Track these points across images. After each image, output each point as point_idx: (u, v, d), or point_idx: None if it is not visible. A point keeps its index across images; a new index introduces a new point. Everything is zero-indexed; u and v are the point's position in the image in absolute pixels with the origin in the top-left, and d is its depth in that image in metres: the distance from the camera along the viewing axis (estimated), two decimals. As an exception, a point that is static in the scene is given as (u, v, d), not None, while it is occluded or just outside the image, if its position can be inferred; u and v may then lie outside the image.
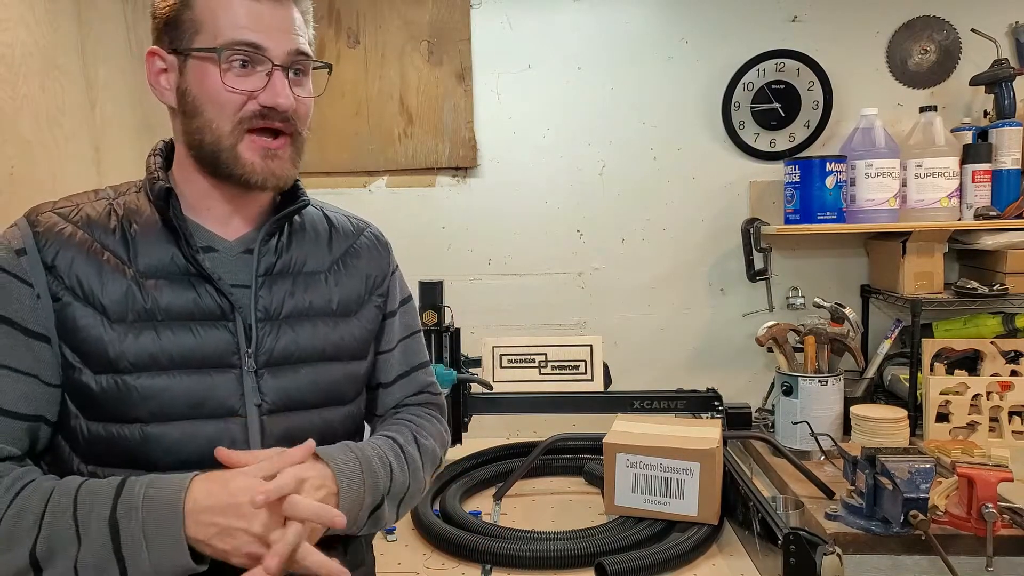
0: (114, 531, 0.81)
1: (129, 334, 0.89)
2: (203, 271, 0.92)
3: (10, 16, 1.55)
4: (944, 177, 1.95)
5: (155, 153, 0.99)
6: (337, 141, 2.22)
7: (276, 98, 0.91)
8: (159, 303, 0.91)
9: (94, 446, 0.90)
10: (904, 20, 2.15)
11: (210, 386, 0.91)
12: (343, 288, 1.04)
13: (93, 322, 0.88)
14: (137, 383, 0.88)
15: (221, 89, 0.90)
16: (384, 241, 1.15)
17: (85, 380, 0.88)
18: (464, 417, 1.89)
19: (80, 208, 0.94)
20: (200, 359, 0.91)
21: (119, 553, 0.81)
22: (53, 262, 0.89)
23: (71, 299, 0.88)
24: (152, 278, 0.91)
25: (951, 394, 1.87)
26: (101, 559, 0.81)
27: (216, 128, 0.91)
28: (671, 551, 1.36)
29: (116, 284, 0.90)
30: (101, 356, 0.88)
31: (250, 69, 0.91)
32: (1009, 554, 1.36)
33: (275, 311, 0.97)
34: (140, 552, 0.81)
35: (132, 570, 0.81)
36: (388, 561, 1.44)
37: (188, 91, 0.92)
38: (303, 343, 0.98)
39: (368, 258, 1.09)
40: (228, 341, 0.93)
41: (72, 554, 0.81)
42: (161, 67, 0.94)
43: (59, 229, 0.91)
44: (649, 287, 2.27)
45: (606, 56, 2.22)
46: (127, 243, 0.92)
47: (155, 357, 0.89)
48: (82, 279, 0.89)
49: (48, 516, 0.82)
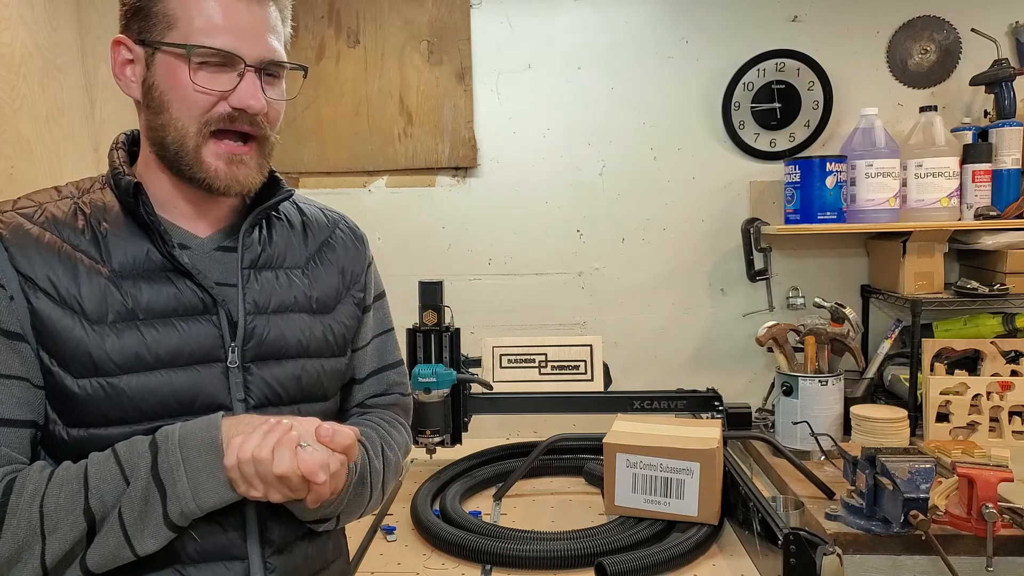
0: (154, 453, 0.83)
1: (111, 334, 0.86)
2: (181, 267, 0.90)
3: (10, 16, 1.55)
4: (944, 177, 1.95)
5: (117, 147, 0.95)
6: (337, 141, 2.22)
7: (247, 100, 0.88)
8: (139, 301, 0.88)
9: (75, 452, 0.86)
10: (904, 20, 2.15)
11: (198, 382, 0.90)
12: (321, 283, 1.03)
13: (71, 324, 0.85)
14: (125, 384, 0.86)
15: (190, 88, 0.87)
16: (360, 234, 1.13)
17: (66, 385, 0.85)
18: (464, 417, 1.89)
19: (44, 208, 0.90)
20: (187, 355, 0.90)
21: (158, 478, 0.82)
22: (23, 265, 0.85)
23: (46, 302, 0.85)
24: (128, 276, 0.89)
25: (951, 394, 1.87)
26: (145, 490, 0.82)
27: (181, 127, 0.88)
28: (671, 551, 1.36)
29: (93, 284, 0.87)
30: (83, 359, 0.85)
31: (222, 69, 0.88)
32: (1009, 554, 1.36)
33: (263, 305, 0.96)
34: (178, 466, 0.83)
35: (171, 498, 0.82)
36: (388, 561, 1.44)
37: (155, 86, 0.89)
38: (290, 337, 0.97)
39: (344, 252, 1.08)
40: (214, 336, 0.92)
41: (120, 498, 0.82)
42: (127, 57, 0.91)
43: (25, 230, 0.87)
44: (649, 287, 2.27)
45: (606, 56, 2.22)
46: (98, 242, 0.89)
47: (141, 356, 0.87)
48: (56, 282, 0.86)
49: (92, 473, 0.83)
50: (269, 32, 0.90)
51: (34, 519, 0.81)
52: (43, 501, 0.82)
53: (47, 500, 0.82)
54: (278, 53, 0.91)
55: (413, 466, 1.97)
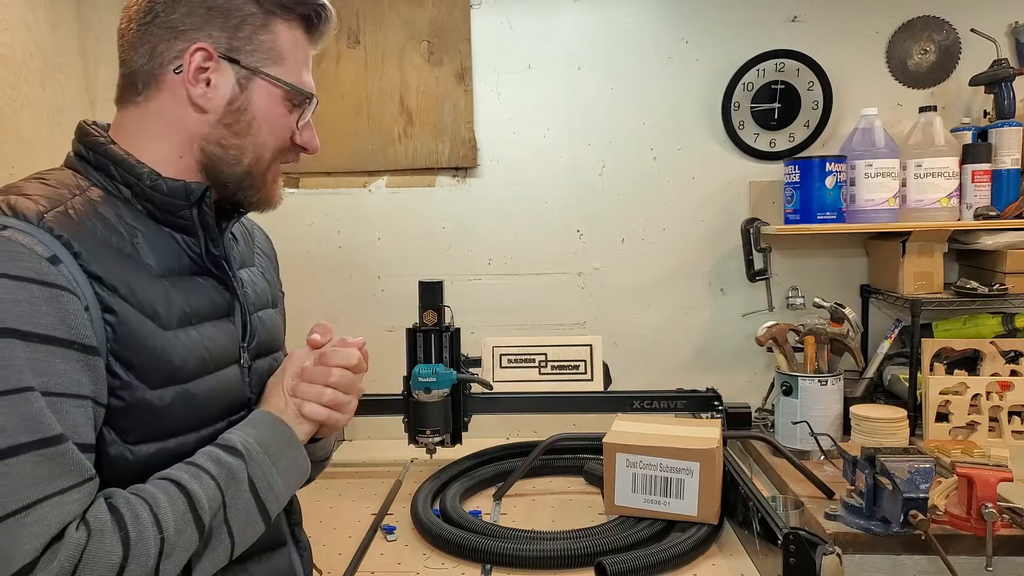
0: (245, 463, 0.86)
1: (182, 339, 0.84)
2: (225, 271, 0.93)
3: (10, 17, 1.55)
4: (944, 177, 1.95)
5: (108, 141, 0.88)
6: (337, 141, 2.22)
7: (313, 142, 0.97)
8: (190, 303, 0.87)
9: (135, 472, 0.80)
10: (904, 20, 2.15)
11: (230, 383, 0.92)
12: (269, 279, 1.09)
13: (151, 330, 0.81)
14: (197, 390, 0.85)
15: (283, 121, 0.93)
16: (267, 235, 1.20)
17: (146, 398, 0.80)
18: (464, 417, 1.89)
19: (72, 207, 0.81)
20: (227, 357, 0.92)
21: (254, 487, 0.86)
22: (97, 270, 0.78)
23: (127, 309, 0.79)
24: (169, 278, 0.86)
25: (951, 394, 1.87)
26: (245, 501, 0.85)
27: (260, 153, 0.92)
28: (671, 551, 1.37)
29: (154, 286, 0.83)
30: (164, 367, 0.81)
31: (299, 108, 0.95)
32: (1009, 554, 1.37)
33: (252, 303, 1.00)
34: (270, 471, 0.87)
35: (269, 500, 0.87)
36: (388, 561, 1.44)
37: (246, 109, 0.90)
38: (272, 332, 1.03)
39: (268, 249, 1.15)
40: (236, 335, 0.95)
41: (222, 514, 0.83)
42: (203, 66, 0.87)
43: (87, 229, 0.79)
44: (649, 287, 2.27)
45: (606, 56, 2.22)
46: (132, 243, 0.83)
47: (204, 360, 0.86)
48: (133, 285, 0.80)
49: (193, 489, 0.80)
50: None
51: (156, 543, 0.76)
52: (161, 525, 0.76)
53: (162, 523, 0.76)
54: None
55: (413, 466, 1.97)
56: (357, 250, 2.28)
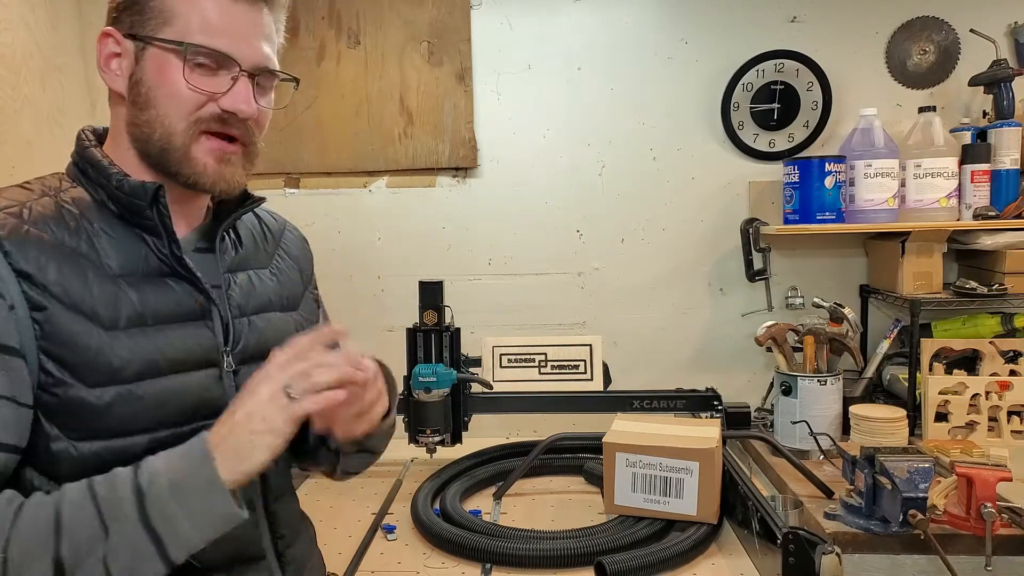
0: (140, 500, 0.75)
1: (126, 340, 0.83)
2: (191, 272, 0.90)
3: (11, 17, 1.55)
4: (943, 177, 1.96)
5: (91, 144, 0.91)
6: (337, 141, 2.22)
7: (239, 104, 0.88)
8: (147, 304, 0.86)
9: (88, 468, 0.80)
10: (903, 20, 2.15)
11: (203, 388, 0.90)
12: (285, 282, 1.07)
13: (86, 330, 0.81)
14: (143, 391, 0.84)
15: (183, 86, 0.86)
16: (303, 235, 1.19)
17: (81, 395, 0.80)
18: (464, 417, 1.89)
19: (28, 207, 0.83)
20: (193, 361, 0.90)
21: (150, 527, 0.74)
22: (26, 268, 0.79)
23: (57, 307, 0.80)
24: (129, 279, 0.86)
25: (950, 394, 1.87)
26: (134, 540, 0.74)
27: (168, 124, 0.87)
28: (670, 550, 1.37)
29: (103, 287, 0.83)
30: (101, 367, 0.81)
31: (215, 71, 0.88)
32: (1008, 554, 1.37)
33: (244, 307, 0.98)
34: (174, 514, 0.75)
35: (171, 542, 0.75)
36: (388, 560, 1.44)
37: (143, 81, 0.87)
38: (270, 338, 0.98)
39: (298, 251, 1.14)
40: (211, 339, 0.92)
41: (101, 550, 0.74)
42: (114, 51, 0.89)
43: (24, 231, 0.80)
44: (649, 287, 2.27)
45: (606, 56, 2.22)
46: (93, 243, 0.85)
47: (155, 362, 0.85)
48: (66, 284, 0.80)
49: (66, 516, 0.74)
50: (265, 40, 0.91)
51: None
52: (8, 544, 0.72)
53: (12, 545, 0.72)
54: (272, 61, 0.92)
55: (413, 465, 1.97)
56: (357, 250, 2.28)
